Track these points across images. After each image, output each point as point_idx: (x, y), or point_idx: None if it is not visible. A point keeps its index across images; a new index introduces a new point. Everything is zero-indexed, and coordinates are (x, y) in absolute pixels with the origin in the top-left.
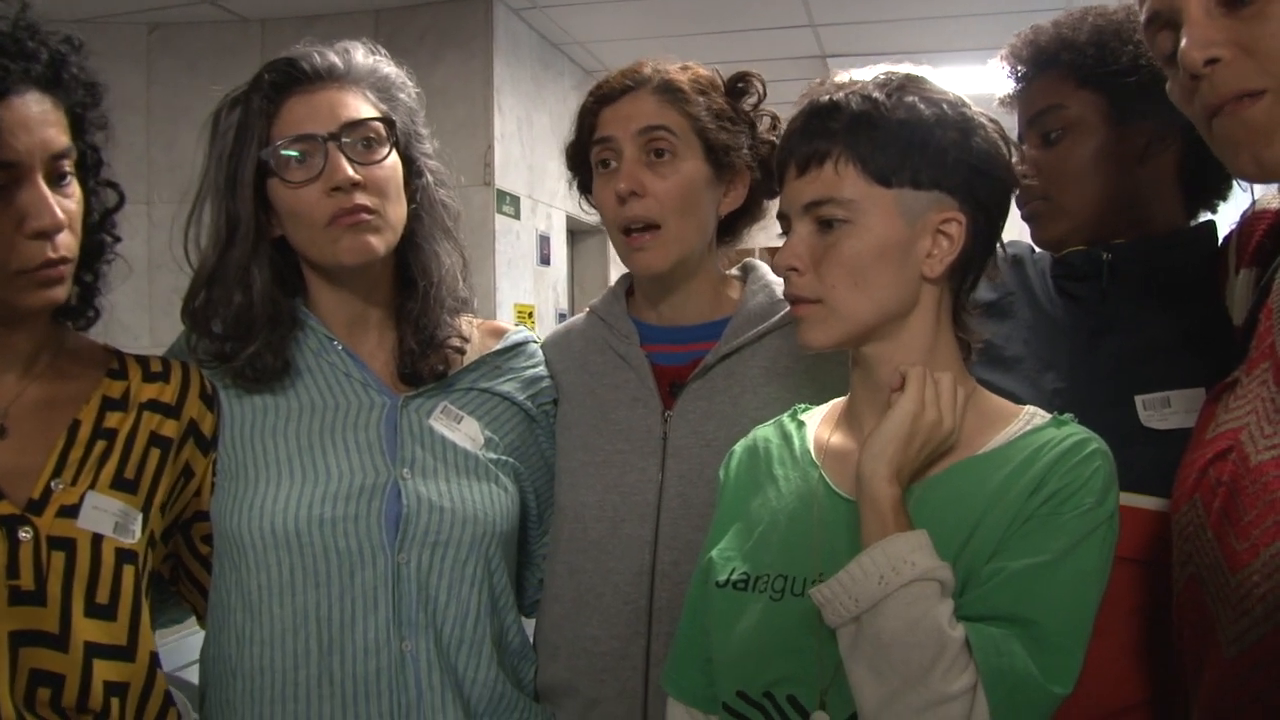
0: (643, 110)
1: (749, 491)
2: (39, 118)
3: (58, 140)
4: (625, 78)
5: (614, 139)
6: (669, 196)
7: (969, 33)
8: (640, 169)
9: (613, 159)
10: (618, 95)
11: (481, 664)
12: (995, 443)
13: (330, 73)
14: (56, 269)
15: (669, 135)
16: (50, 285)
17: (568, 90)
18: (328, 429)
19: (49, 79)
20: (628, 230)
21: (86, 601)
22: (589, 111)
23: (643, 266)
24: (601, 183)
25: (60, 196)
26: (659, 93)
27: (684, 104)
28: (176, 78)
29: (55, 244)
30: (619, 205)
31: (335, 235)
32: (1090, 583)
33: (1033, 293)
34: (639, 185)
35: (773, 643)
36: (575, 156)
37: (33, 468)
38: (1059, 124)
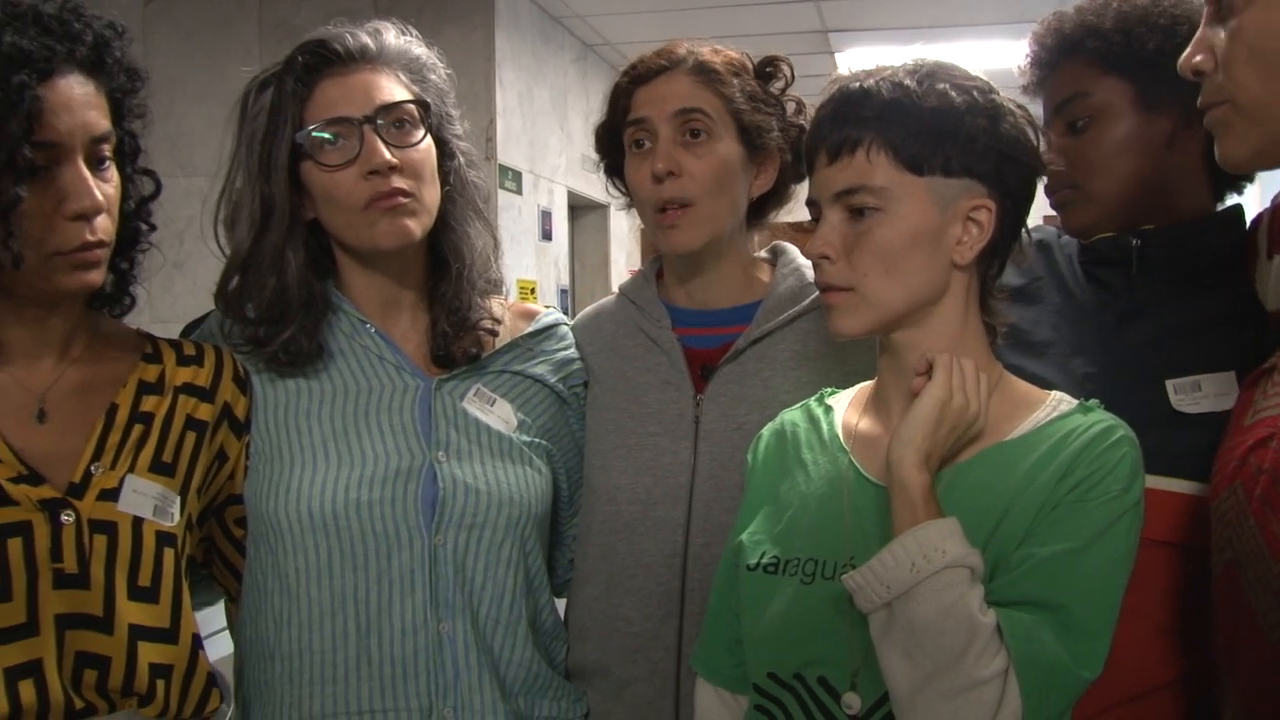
0: (678, 91)
1: (777, 475)
2: (82, 100)
3: (99, 124)
4: (660, 58)
5: (649, 120)
6: (704, 176)
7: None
8: (676, 149)
9: (647, 140)
10: (653, 75)
11: (517, 644)
12: (1023, 429)
13: (363, 54)
14: (94, 252)
15: (704, 117)
16: (87, 268)
17: (568, 64)
18: (362, 412)
19: (93, 62)
20: (662, 209)
21: (129, 584)
22: (623, 92)
23: (676, 244)
24: (635, 163)
25: (99, 180)
26: (694, 74)
27: (719, 85)
28: (173, 49)
29: (94, 227)
30: (655, 185)
31: (372, 219)
32: (1117, 568)
33: (1061, 277)
34: (675, 165)
35: (804, 626)
36: (606, 139)
37: (72, 451)
38: (1085, 111)
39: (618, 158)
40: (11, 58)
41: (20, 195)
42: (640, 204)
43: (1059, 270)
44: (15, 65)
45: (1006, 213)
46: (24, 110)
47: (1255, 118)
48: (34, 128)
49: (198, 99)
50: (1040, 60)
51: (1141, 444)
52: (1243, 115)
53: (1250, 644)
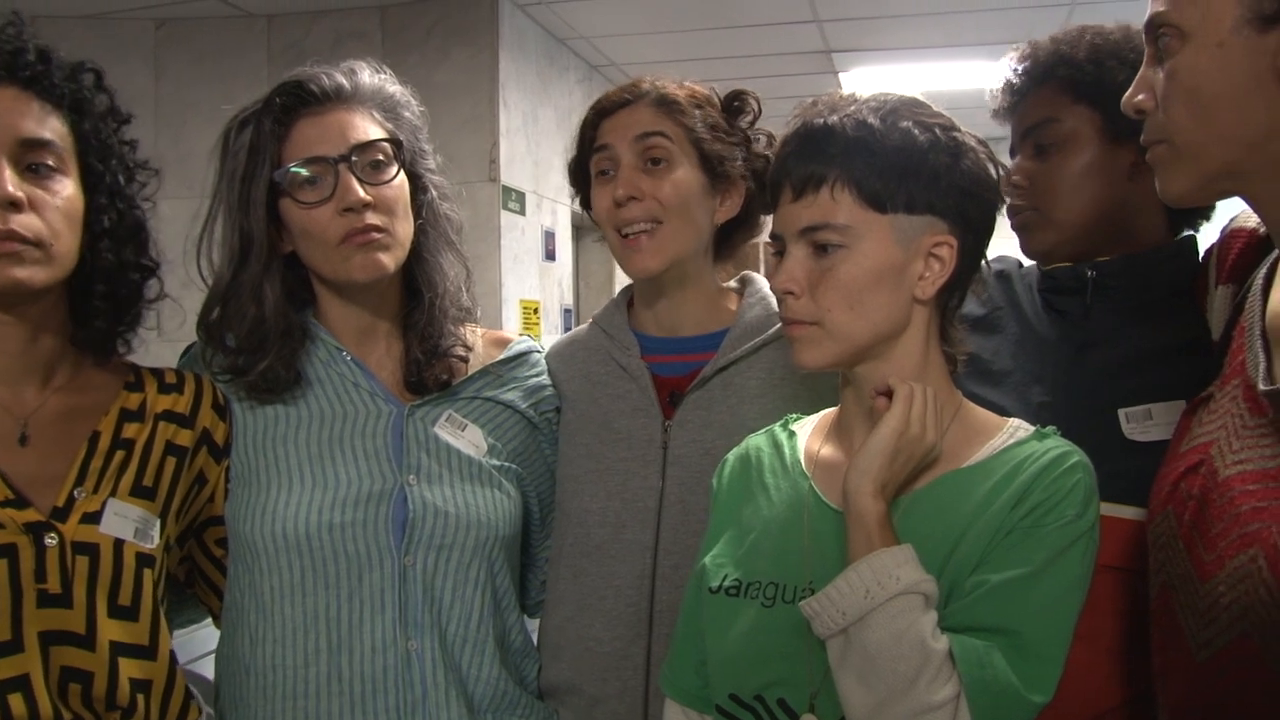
0: (640, 119)
1: (741, 499)
2: (10, 106)
3: (29, 129)
4: (624, 92)
5: (611, 146)
6: (664, 199)
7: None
8: (637, 175)
9: (610, 168)
10: (616, 108)
11: (484, 662)
12: (979, 456)
13: (338, 94)
14: (9, 243)
15: (664, 141)
16: (6, 260)
17: (573, 85)
18: (336, 437)
19: (31, 77)
20: (624, 233)
21: (110, 603)
22: (589, 124)
23: (639, 267)
24: (600, 189)
25: (34, 185)
26: (656, 105)
27: (679, 115)
28: (184, 73)
29: (7, 217)
30: (616, 209)
31: (347, 254)
32: (1071, 594)
33: (1020, 308)
34: (636, 190)
35: (764, 648)
36: (577, 171)
37: (55, 476)
38: (1053, 137)
39: (588, 190)
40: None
41: None
42: (604, 228)
43: (1018, 301)
44: None
45: (967, 247)
46: None
47: (1190, 156)
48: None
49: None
50: (1012, 86)
51: (1095, 472)
52: (1178, 153)
53: (1181, 664)
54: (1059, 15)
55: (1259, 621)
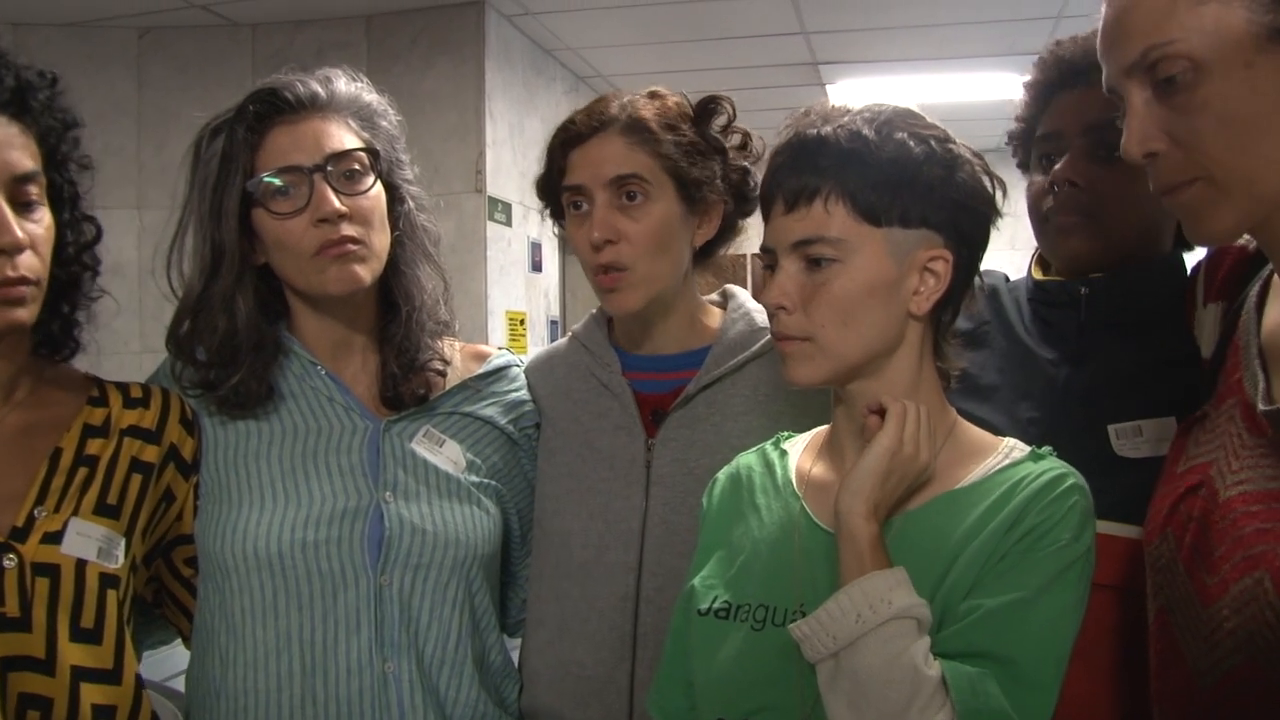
0: (611, 155)
1: (731, 519)
2: (1, 139)
3: (21, 163)
4: (592, 118)
5: (584, 187)
6: (642, 239)
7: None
8: (613, 214)
9: (584, 202)
10: (585, 137)
11: (463, 684)
12: (973, 477)
13: (313, 102)
14: (15, 289)
15: (640, 180)
16: (11, 305)
17: (560, 96)
18: (310, 453)
19: (14, 105)
20: (600, 271)
21: (72, 626)
22: (557, 152)
23: (616, 307)
24: (574, 224)
25: (25, 220)
26: (627, 134)
27: (653, 144)
28: (167, 82)
29: (15, 263)
30: (593, 251)
31: (322, 265)
32: (1066, 619)
33: (1008, 322)
34: (613, 232)
35: (753, 672)
36: (545, 191)
37: (15, 495)
38: None
39: (558, 207)
40: None
41: None
42: (583, 264)
43: (1006, 316)
44: None
45: (962, 261)
46: None
47: (1239, 188)
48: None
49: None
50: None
51: None
52: (1223, 189)
53: (1182, 688)
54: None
55: (1265, 646)
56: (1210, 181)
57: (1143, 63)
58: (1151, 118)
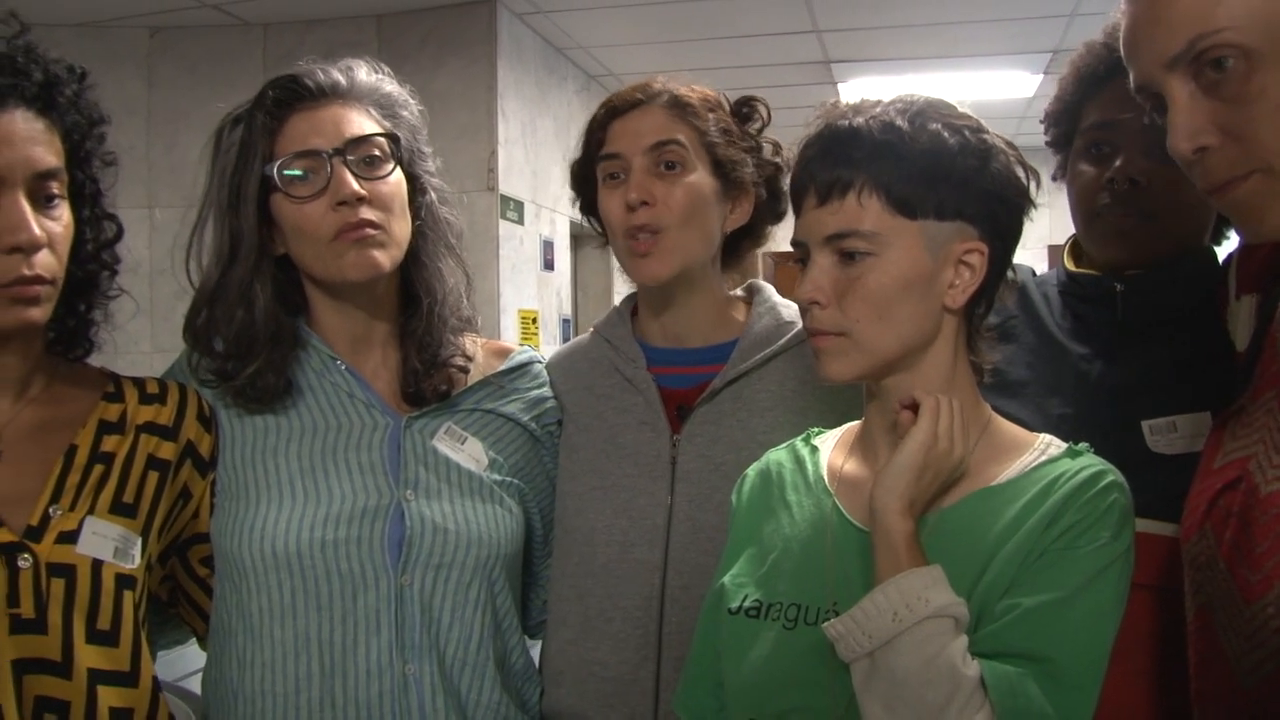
0: (653, 124)
1: (761, 517)
2: (25, 135)
3: (44, 160)
4: (636, 92)
5: (623, 155)
6: (677, 204)
7: (973, 39)
8: (650, 179)
9: (621, 172)
10: (628, 109)
11: (485, 686)
12: (1009, 473)
13: (334, 89)
14: (32, 288)
15: (679, 148)
16: (25, 304)
17: (571, 95)
18: (330, 450)
19: (41, 100)
20: (633, 236)
21: (88, 628)
22: (598, 125)
23: (647, 274)
24: (608, 193)
25: (45, 217)
26: (669, 107)
27: (694, 119)
28: (177, 81)
29: (32, 261)
30: (627, 213)
31: (340, 250)
32: (1106, 618)
33: (1037, 316)
34: (649, 194)
35: (785, 672)
36: (580, 174)
37: (29, 493)
38: None
39: (591, 194)
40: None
41: None
42: (612, 233)
43: (1035, 309)
44: None
45: (997, 254)
46: None
47: None
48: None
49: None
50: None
51: None
52: None
53: (1224, 688)
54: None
55: None
56: (1269, 173)
57: (1188, 54)
58: (1199, 111)
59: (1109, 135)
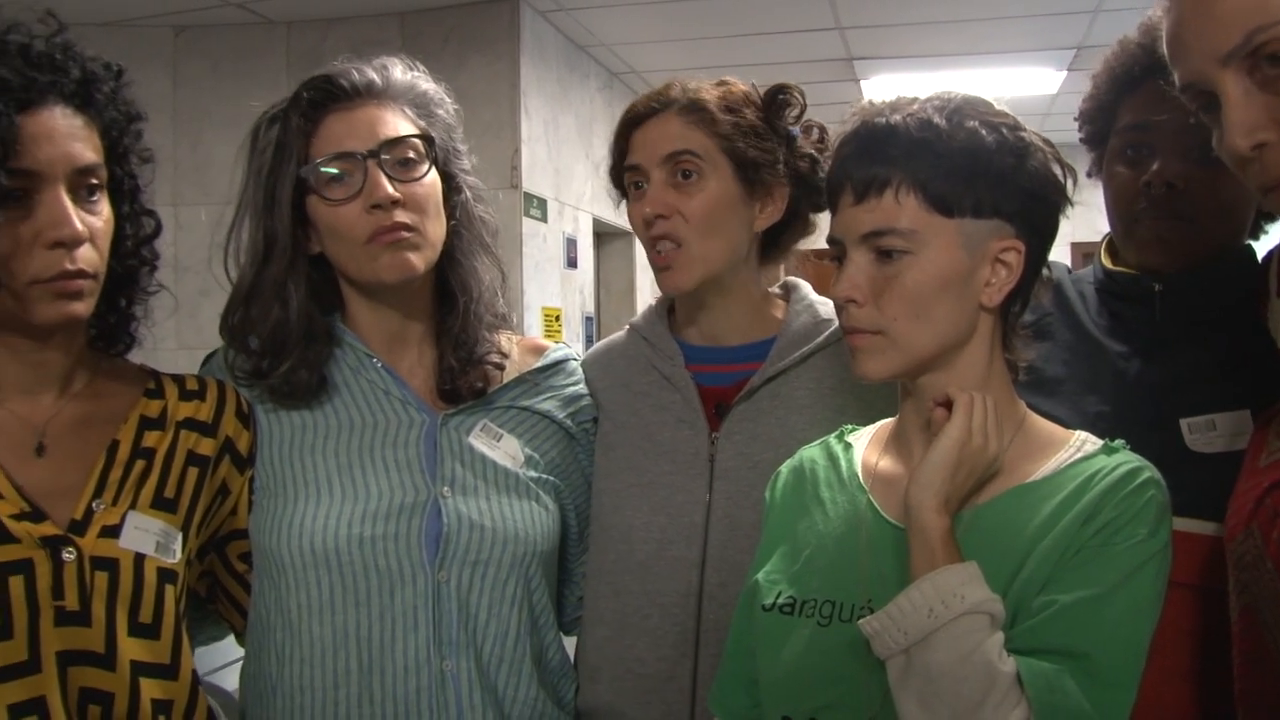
0: (668, 134)
1: (795, 514)
2: (65, 131)
3: (84, 155)
4: (652, 100)
5: (641, 166)
6: (694, 215)
7: (996, 36)
8: (666, 191)
9: (642, 181)
10: (644, 119)
11: (521, 683)
12: (1045, 470)
13: (369, 89)
14: (74, 282)
15: (694, 158)
16: (68, 298)
17: (593, 92)
18: (367, 447)
19: (79, 96)
20: (656, 248)
21: (130, 621)
22: (620, 135)
23: (669, 285)
24: (632, 204)
25: (85, 212)
26: (684, 114)
27: (710, 124)
28: (202, 79)
29: (74, 256)
30: (646, 227)
31: (375, 252)
32: (1143, 615)
33: (1073, 314)
34: (665, 207)
35: (819, 669)
36: (615, 178)
37: (73, 488)
38: None
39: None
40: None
41: None
42: (641, 241)
43: (1070, 307)
44: None
45: (1033, 252)
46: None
47: None
48: (10, 155)
49: (225, 127)
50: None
51: None
52: None
53: (1270, 689)
54: (1081, 22)
55: None
56: None
57: (1244, 48)
58: (1257, 106)
59: (1145, 137)
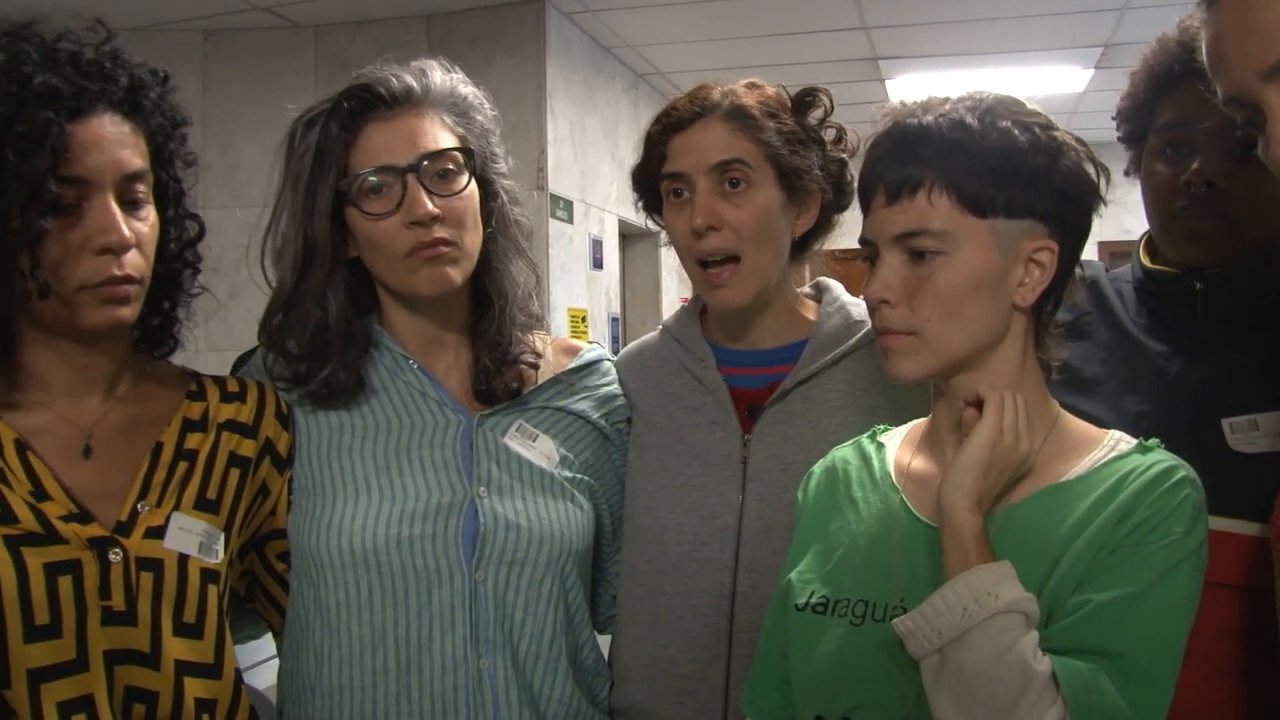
0: (714, 142)
1: (828, 513)
2: (113, 138)
3: (131, 162)
4: (694, 104)
5: (686, 174)
6: (746, 227)
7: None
8: (715, 200)
9: (685, 189)
10: (687, 123)
11: (557, 681)
12: (1079, 470)
13: (408, 97)
14: (121, 287)
15: (743, 166)
16: (115, 303)
17: (619, 93)
18: (404, 448)
19: (128, 103)
20: (704, 264)
21: (175, 620)
22: (657, 139)
23: (724, 303)
24: (674, 213)
25: (132, 218)
26: (729, 120)
27: (755, 130)
28: (231, 83)
29: (121, 262)
30: (695, 239)
31: (414, 266)
32: (1179, 615)
33: (1111, 313)
34: (715, 219)
35: (852, 668)
36: (642, 181)
37: (118, 489)
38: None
39: (654, 199)
40: (41, 96)
41: (45, 228)
42: (681, 254)
43: (1109, 306)
44: (44, 103)
45: (1066, 252)
46: (50, 146)
47: None
48: (60, 163)
49: (254, 131)
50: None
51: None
52: None
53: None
54: (1108, 20)
55: None
56: None
57: None
58: None
59: (1185, 135)
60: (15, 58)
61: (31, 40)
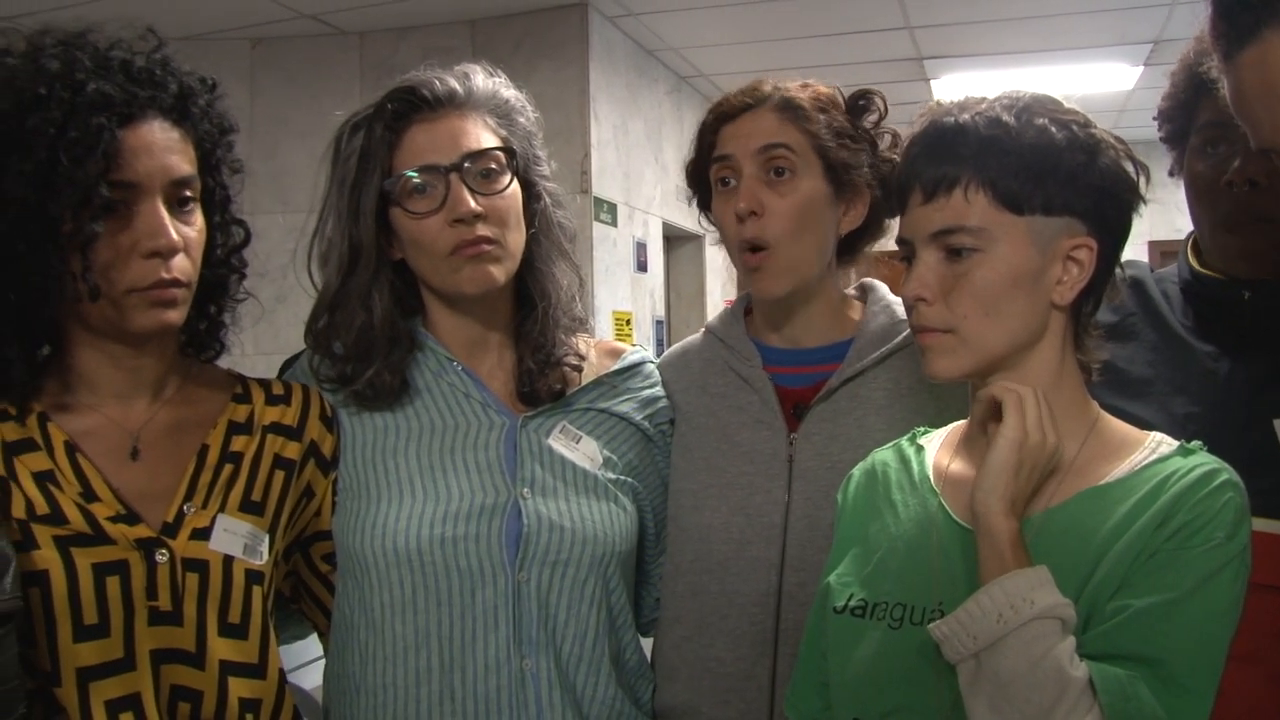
0: (762, 128)
1: (867, 516)
2: (163, 144)
3: (180, 168)
4: (745, 96)
5: (733, 157)
6: (786, 216)
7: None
8: (759, 187)
9: (732, 177)
10: (738, 113)
11: (600, 682)
12: (1119, 472)
13: (451, 99)
14: (169, 290)
15: (788, 153)
16: (164, 306)
17: (662, 96)
18: (448, 449)
19: (177, 109)
20: (747, 249)
21: (220, 621)
22: (708, 129)
23: (760, 290)
24: (721, 201)
25: (180, 222)
26: (779, 110)
27: (804, 121)
28: (278, 90)
29: (170, 265)
30: (738, 224)
31: (457, 265)
32: (1221, 621)
33: (1158, 314)
34: (758, 204)
35: (890, 672)
36: (695, 175)
37: (165, 491)
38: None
39: (707, 194)
40: (94, 103)
41: (96, 231)
42: (727, 242)
43: (1155, 307)
44: (96, 109)
45: (1105, 250)
46: (101, 151)
47: None
48: (112, 168)
49: (300, 137)
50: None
51: (1249, 485)
52: None
53: None
54: (1158, 16)
55: None
56: None
57: None
58: None
59: (1226, 134)
60: (69, 65)
61: (85, 48)
